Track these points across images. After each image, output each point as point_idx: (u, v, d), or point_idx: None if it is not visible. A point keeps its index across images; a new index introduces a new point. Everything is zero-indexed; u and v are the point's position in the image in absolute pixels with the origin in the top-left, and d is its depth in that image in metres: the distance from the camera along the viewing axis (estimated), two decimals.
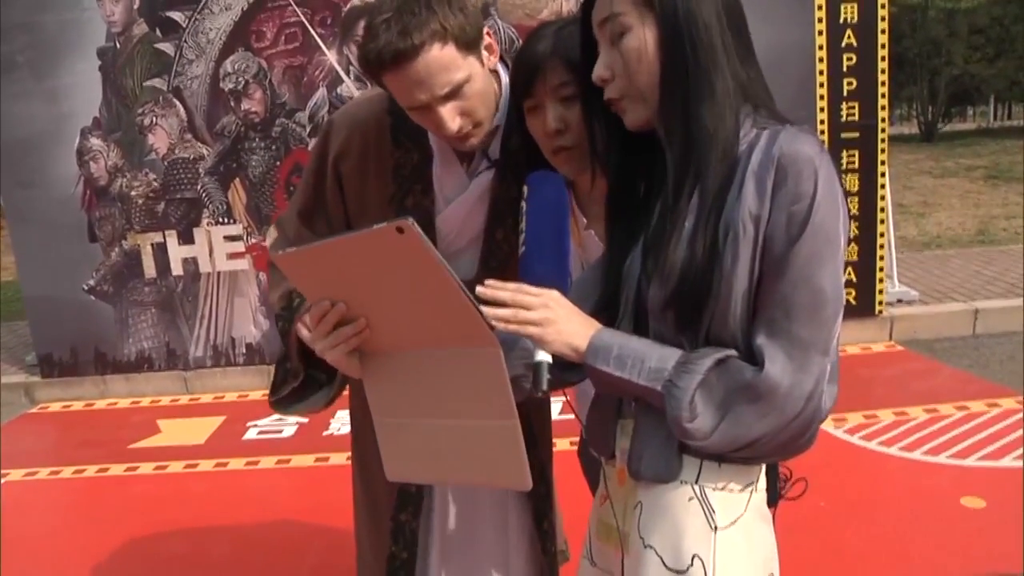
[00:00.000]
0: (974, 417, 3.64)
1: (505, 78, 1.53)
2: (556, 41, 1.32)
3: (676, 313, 1.01)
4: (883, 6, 4.56)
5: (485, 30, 1.41)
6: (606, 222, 1.16)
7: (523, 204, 1.12)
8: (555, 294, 1.04)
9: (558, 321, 1.02)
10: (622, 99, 1.05)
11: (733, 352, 0.99)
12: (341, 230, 1.57)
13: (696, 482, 1.03)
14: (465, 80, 1.35)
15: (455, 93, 1.35)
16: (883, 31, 4.58)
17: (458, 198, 1.56)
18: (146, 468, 3.84)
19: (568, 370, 1.09)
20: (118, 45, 4.72)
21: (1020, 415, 3.61)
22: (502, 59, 1.55)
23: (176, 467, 3.83)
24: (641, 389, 1.00)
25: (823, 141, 4.84)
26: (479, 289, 1.01)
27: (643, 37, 1.00)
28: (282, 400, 1.57)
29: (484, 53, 1.42)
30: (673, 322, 1.02)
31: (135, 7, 4.67)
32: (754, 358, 0.97)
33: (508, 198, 1.52)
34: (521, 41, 5.07)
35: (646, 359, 1.00)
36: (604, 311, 1.12)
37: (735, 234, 0.96)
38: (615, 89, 1.05)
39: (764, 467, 1.06)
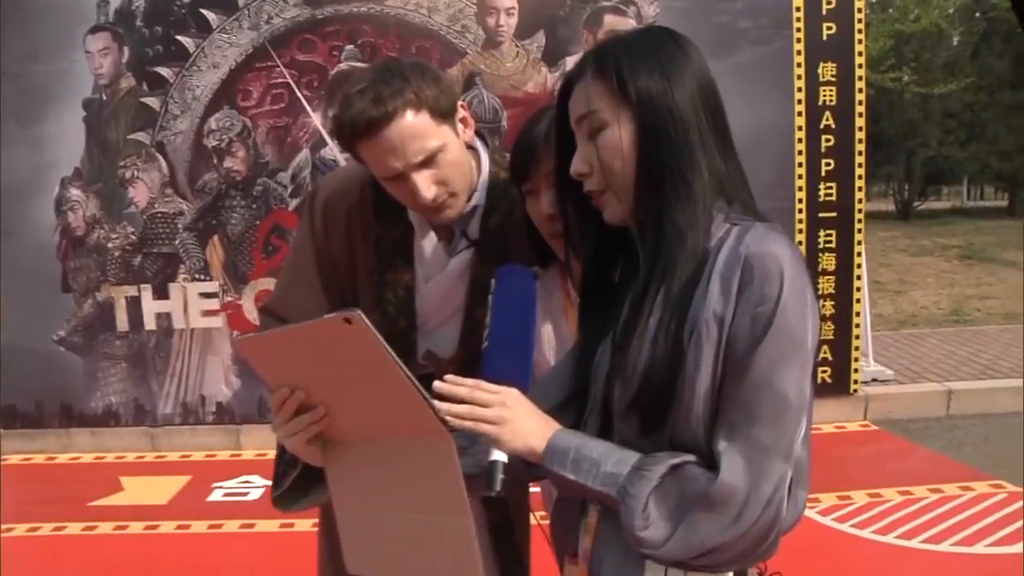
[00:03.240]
0: (948, 500, 3.62)
1: (484, 157, 1.54)
2: (551, 126, 1.31)
3: (640, 417, 0.99)
4: (860, 90, 4.67)
5: (460, 103, 1.43)
6: (579, 313, 1.15)
7: (490, 298, 1.11)
8: (514, 392, 1.02)
9: (515, 421, 0.99)
10: (603, 193, 1.04)
11: (690, 457, 0.95)
12: (334, 307, 1.54)
13: None
14: (439, 148, 1.36)
15: (429, 161, 1.35)
16: (860, 114, 4.67)
17: (438, 276, 1.54)
18: (105, 528, 3.72)
19: (535, 465, 1.06)
20: (104, 97, 4.73)
21: (994, 499, 3.59)
22: (481, 137, 1.56)
23: (136, 527, 3.71)
24: (597, 494, 0.98)
25: (798, 231, 4.80)
26: (436, 384, 0.99)
27: (619, 134, 0.99)
28: (285, 495, 1.50)
29: (459, 125, 1.43)
30: (636, 425, 1.00)
31: (123, 61, 4.70)
32: (715, 463, 0.93)
33: (488, 278, 1.50)
34: (505, 112, 5.11)
35: (602, 463, 0.97)
36: (574, 403, 1.10)
37: (699, 335, 0.94)
38: (594, 183, 1.04)
39: (731, 574, 1.02)
